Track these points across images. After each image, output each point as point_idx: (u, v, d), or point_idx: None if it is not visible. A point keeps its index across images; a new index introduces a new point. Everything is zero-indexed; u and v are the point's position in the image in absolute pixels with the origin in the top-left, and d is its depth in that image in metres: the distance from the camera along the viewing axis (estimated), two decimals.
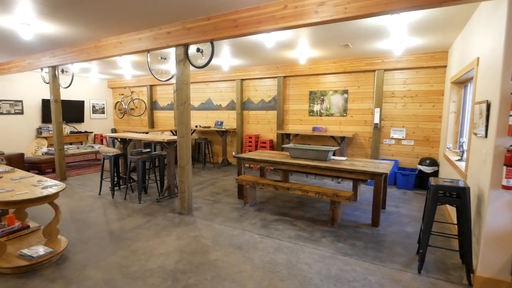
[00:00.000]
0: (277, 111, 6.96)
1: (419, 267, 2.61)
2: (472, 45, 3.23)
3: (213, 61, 6.38)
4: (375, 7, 2.56)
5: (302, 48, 5.03)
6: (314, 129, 6.57)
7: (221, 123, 7.75)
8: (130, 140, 5.33)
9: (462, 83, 4.37)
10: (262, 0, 3.02)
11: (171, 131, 8.11)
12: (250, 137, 7.16)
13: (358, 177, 3.64)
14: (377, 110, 5.78)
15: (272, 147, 7.10)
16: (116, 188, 5.34)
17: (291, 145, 4.69)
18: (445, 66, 5.23)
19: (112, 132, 10.38)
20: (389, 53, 5.44)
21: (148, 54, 4.49)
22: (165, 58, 5.70)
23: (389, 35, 4.17)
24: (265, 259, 2.80)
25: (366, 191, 5.30)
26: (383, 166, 3.79)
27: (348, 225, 3.67)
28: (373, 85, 5.90)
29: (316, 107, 6.56)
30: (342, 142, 5.97)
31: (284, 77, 6.86)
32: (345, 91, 6.20)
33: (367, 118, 6.03)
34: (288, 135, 6.68)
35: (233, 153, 7.80)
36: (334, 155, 5.98)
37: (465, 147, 3.91)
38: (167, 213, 4.08)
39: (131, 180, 5.40)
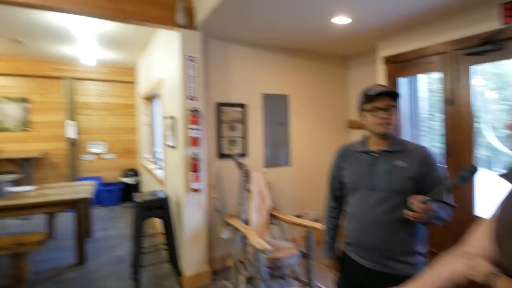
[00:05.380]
0: None
1: None
2: (156, 65, 3.61)
3: None
4: (52, 1, 2.06)
5: None
6: None
7: None
8: None
9: (151, 98, 4.86)
10: None
11: None
12: None
13: (53, 210, 2.88)
14: (71, 123, 5.04)
15: None
16: None
17: None
18: (134, 82, 5.55)
19: None
20: (79, 61, 4.89)
21: None
22: None
23: (75, 41, 3.69)
24: None
25: (66, 220, 4.38)
26: (84, 189, 3.29)
27: (44, 277, 2.79)
28: (63, 95, 5.06)
29: None
30: (27, 166, 4.58)
31: None
32: (25, 99, 4.81)
33: (59, 132, 5.06)
34: None
35: None
36: (19, 184, 4.43)
37: (160, 156, 4.36)
38: None
39: None
